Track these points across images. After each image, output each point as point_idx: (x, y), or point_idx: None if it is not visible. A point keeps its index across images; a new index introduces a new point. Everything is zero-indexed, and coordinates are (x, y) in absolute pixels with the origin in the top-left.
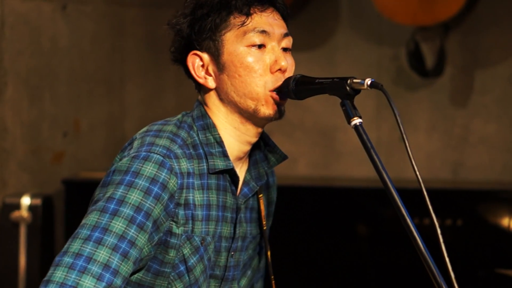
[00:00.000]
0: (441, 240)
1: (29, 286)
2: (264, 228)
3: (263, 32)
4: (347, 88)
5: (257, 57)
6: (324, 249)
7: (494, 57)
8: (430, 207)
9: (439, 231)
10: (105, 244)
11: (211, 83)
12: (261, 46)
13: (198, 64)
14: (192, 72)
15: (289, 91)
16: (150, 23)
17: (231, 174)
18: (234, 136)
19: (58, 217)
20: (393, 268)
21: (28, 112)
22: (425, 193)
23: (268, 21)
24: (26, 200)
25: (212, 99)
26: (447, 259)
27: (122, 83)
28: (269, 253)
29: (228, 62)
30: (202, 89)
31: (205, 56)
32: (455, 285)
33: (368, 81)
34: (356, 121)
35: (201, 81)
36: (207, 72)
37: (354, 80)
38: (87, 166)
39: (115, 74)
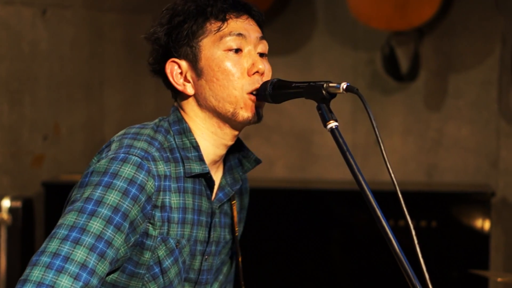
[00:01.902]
0: (416, 241)
1: None
2: (236, 234)
3: (239, 35)
4: (323, 92)
5: (234, 61)
6: (301, 250)
7: (467, 62)
8: (405, 209)
9: (413, 232)
10: (82, 244)
11: (189, 89)
12: (238, 51)
13: (176, 71)
14: (171, 79)
15: (266, 95)
16: (129, 28)
17: (207, 178)
18: (211, 141)
19: (38, 219)
20: (369, 269)
21: (8, 115)
22: (400, 195)
23: (243, 25)
24: (6, 203)
25: (191, 105)
26: (421, 260)
27: (101, 88)
28: (240, 259)
29: (206, 67)
30: (180, 96)
31: (183, 63)
32: (430, 285)
33: (343, 85)
34: (332, 124)
35: (180, 88)
36: (185, 79)
37: (330, 84)
38: (66, 169)
39: (94, 78)
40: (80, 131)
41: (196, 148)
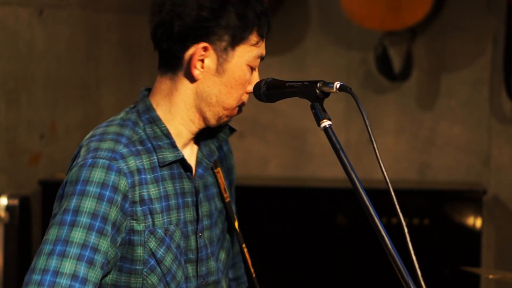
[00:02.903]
0: (408, 239)
1: (6, 285)
2: (227, 200)
3: (263, 59)
4: (317, 91)
5: (248, 77)
6: (295, 249)
7: (459, 62)
8: (397, 207)
9: (406, 230)
10: (69, 256)
11: (198, 75)
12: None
13: (200, 54)
14: (193, 60)
15: (260, 94)
16: (125, 28)
17: (182, 162)
18: (186, 127)
19: (35, 217)
20: (362, 266)
21: (6, 115)
22: (392, 193)
23: (264, 47)
24: (3, 201)
25: (185, 88)
26: (414, 258)
27: (97, 87)
28: (236, 223)
29: (230, 72)
30: (180, 74)
31: (212, 53)
32: (422, 283)
33: (337, 84)
34: (326, 123)
35: (194, 70)
36: (201, 65)
37: (324, 84)
38: (63, 168)
39: (90, 78)
40: (76, 130)
41: (168, 135)
